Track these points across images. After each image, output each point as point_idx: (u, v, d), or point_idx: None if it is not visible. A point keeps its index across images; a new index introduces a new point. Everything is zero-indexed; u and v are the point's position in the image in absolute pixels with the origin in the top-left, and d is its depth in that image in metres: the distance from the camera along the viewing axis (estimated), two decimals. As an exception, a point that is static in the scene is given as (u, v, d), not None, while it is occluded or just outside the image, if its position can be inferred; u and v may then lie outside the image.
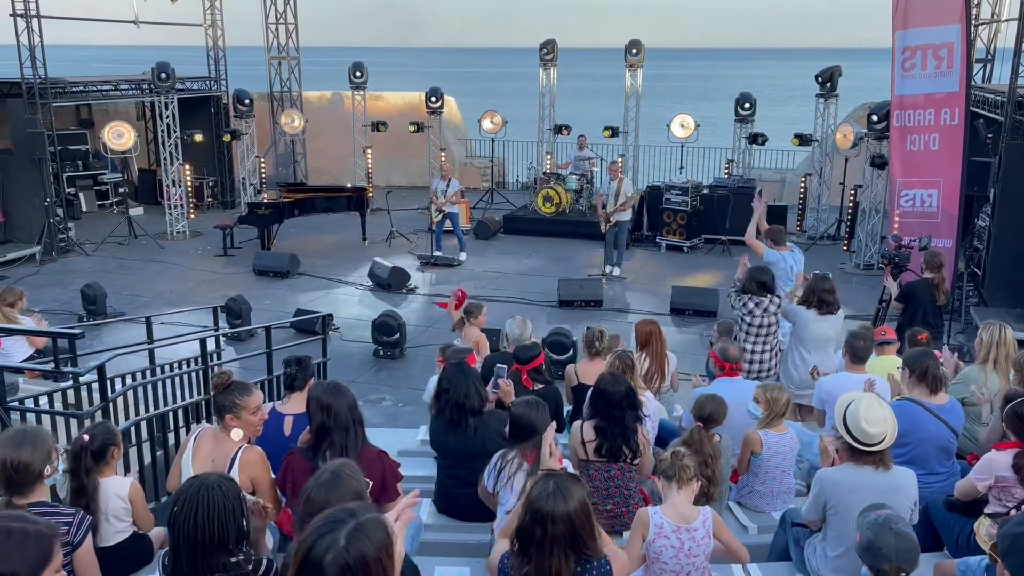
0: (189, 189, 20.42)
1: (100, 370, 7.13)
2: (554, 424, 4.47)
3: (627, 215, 16.01)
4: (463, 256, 17.20)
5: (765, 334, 8.28)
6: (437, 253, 17.15)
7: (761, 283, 8.24)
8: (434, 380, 7.65)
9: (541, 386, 6.76)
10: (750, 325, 8.29)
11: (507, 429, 5.05)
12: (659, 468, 4.86)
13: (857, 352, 6.88)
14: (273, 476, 4.96)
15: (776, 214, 19.26)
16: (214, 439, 5.00)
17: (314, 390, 4.84)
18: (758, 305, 8.21)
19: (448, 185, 16.84)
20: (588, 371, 7.41)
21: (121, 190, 21.06)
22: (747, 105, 19.76)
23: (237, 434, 4.94)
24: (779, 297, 8.37)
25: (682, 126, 20.25)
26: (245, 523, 3.64)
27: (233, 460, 4.86)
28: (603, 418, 5.52)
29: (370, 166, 22.78)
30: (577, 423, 5.73)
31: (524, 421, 4.94)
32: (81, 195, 21.61)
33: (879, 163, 16.15)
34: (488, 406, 5.93)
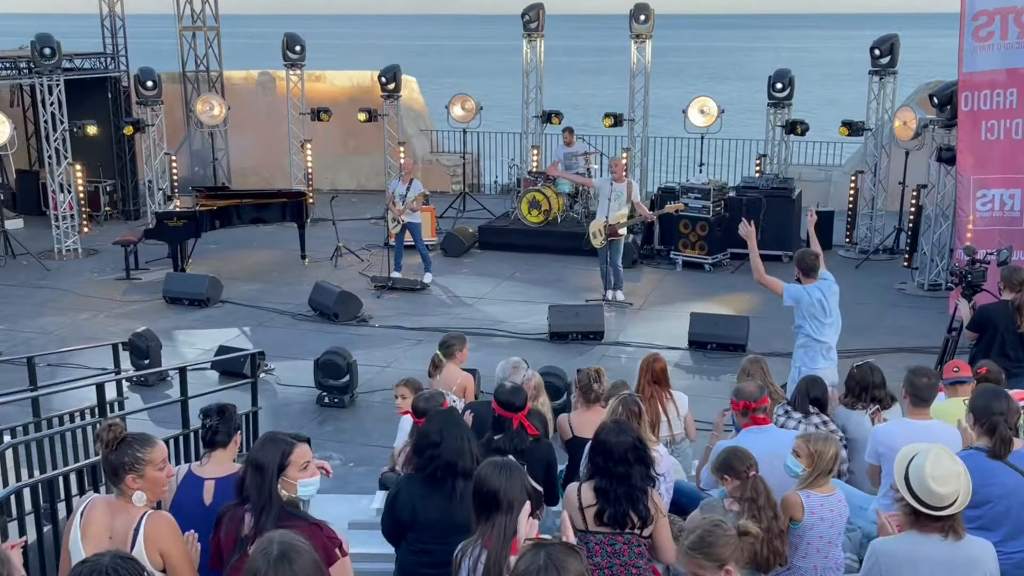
0: (81, 196, 20.42)
1: (-29, 425, 7.13)
2: (527, 506, 4.30)
3: (624, 228, 16.16)
4: (428, 278, 17.27)
5: None
6: (396, 274, 17.21)
7: (813, 399, 7.85)
8: (406, 425, 7.70)
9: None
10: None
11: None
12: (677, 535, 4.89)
13: (919, 392, 6.91)
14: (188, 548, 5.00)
15: (819, 222, 19.44)
16: (108, 510, 4.95)
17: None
18: (800, 423, 7.64)
19: (409, 188, 16.93)
20: (585, 421, 7.49)
21: (-6, 197, 21.04)
22: (783, 85, 19.94)
23: (140, 498, 4.88)
24: (829, 418, 7.66)
25: (702, 112, 20.41)
26: None
27: (136, 532, 4.83)
28: (604, 476, 5.58)
29: (310, 165, 22.84)
30: (573, 486, 5.78)
31: (487, 489, 4.82)
32: (-57, 204, 21.60)
33: (948, 157, 16.24)
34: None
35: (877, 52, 18.86)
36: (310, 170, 22.81)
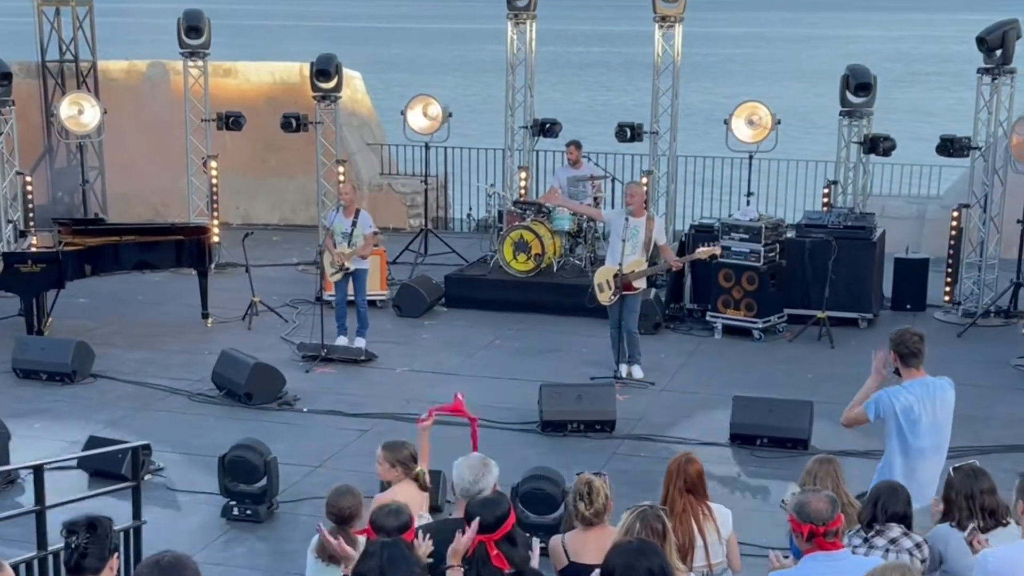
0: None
1: None
2: None
3: (642, 284, 16.27)
4: (360, 342, 17.37)
5: None
6: (342, 340, 17.32)
7: (892, 514, 7.86)
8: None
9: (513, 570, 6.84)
10: None
11: None
12: None
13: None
14: None
15: (909, 274, 19.48)
16: None
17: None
18: (879, 536, 7.69)
19: (354, 223, 17.00)
20: (585, 545, 7.53)
21: None
22: (863, 88, 20.00)
23: None
24: (921, 540, 7.70)
25: (751, 123, 20.42)
26: None
27: None
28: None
29: (216, 190, 22.84)
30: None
31: None
32: None
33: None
34: None
35: (987, 45, 18.83)
36: (216, 197, 22.82)
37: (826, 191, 20.85)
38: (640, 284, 16.09)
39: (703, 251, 16.65)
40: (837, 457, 8.66)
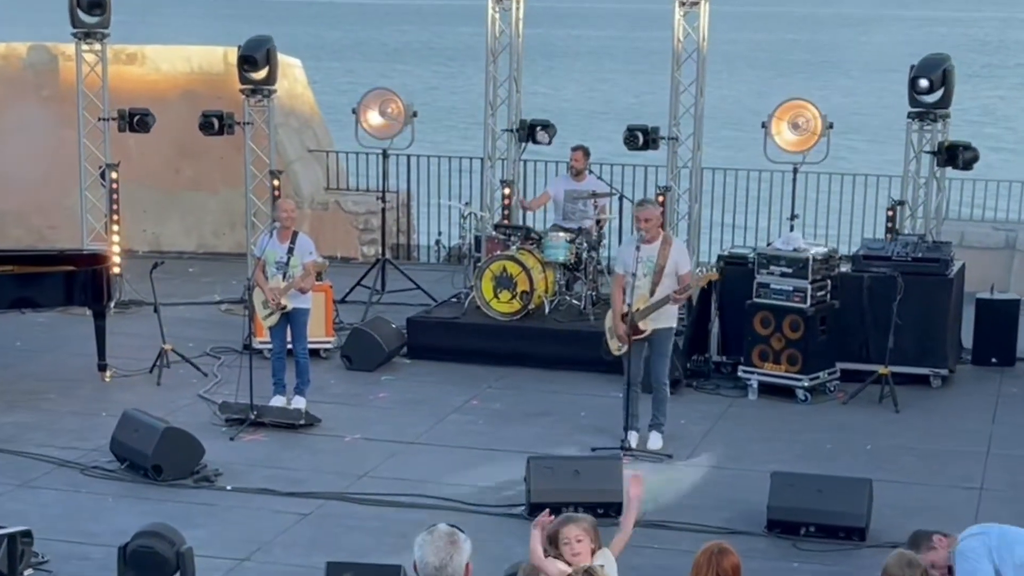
0: None
1: None
2: None
3: (671, 319, 16.27)
4: (299, 402, 17.34)
5: None
6: (278, 401, 17.33)
7: None
8: None
9: None
10: None
11: None
12: None
13: None
14: None
15: (994, 318, 19.51)
16: None
17: None
18: None
19: (291, 249, 17.03)
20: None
21: None
22: (932, 85, 20.04)
23: None
24: None
25: (796, 127, 20.47)
26: None
27: None
28: None
29: (117, 208, 22.83)
30: None
31: None
32: None
33: None
34: None
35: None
36: (116, 217, 22.80)
37: (890, 214, 20.88)
38: (656, 324, 15.88)
39: (699, 279, 16.67)
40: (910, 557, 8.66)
